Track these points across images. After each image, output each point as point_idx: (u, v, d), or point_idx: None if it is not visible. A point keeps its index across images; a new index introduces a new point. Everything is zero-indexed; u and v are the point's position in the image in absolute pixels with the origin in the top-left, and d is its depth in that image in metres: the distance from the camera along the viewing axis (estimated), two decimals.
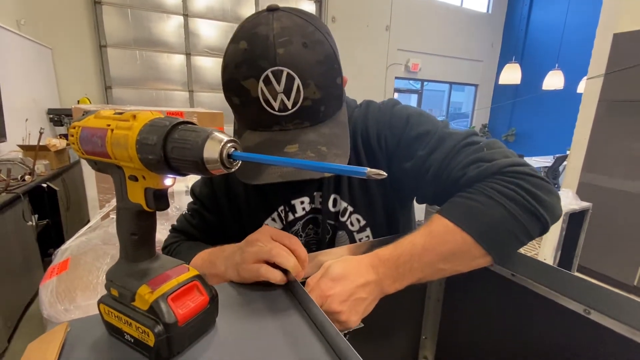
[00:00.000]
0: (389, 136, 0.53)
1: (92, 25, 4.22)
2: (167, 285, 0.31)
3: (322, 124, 0.45)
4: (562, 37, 6.24)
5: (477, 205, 0.41)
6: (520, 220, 0.40)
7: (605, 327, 0.38)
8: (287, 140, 0.43)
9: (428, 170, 0.49)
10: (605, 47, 2.49)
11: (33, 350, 0.31)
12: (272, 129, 0.44)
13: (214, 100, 5.08)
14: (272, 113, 0.42)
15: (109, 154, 0.29)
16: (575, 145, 2.74)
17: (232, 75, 0.43)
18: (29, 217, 2.17)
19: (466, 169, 0.45)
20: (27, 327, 1.97)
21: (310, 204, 0.59)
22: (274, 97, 0.41)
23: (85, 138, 0.31)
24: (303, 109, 0.42)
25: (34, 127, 3.20)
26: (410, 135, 0.51)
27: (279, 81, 0.40)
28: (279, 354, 0.33)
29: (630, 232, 2.44)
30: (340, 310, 0.39)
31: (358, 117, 0.57)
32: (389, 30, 6.09)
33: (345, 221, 0.59)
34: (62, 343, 0.31)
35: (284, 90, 0.41)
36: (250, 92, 0.42)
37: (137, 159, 0.28)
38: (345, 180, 0.58)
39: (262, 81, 0.41)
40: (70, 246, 1.09)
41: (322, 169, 0.25)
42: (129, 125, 0.28)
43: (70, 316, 0.77)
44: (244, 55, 0.42)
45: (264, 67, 0.40)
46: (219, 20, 4.89)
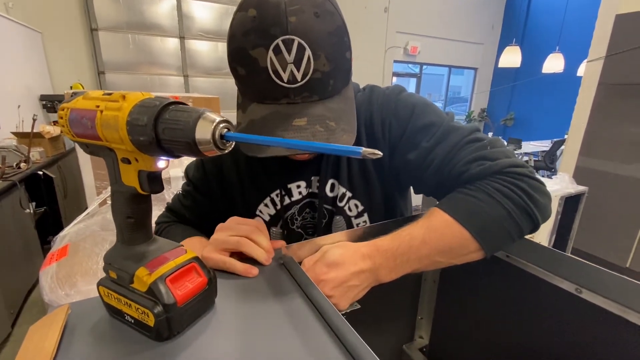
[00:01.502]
0: (394, 124, 0.53)
1: (82, 7, 4.09)
2: (165, 267, 0.32)
3: (331, 99, 0.44)
4: (563, 19, 6.13)
5: (477, 202, 0.42)
6: (516, 220, 0.42)
7: (596, 306, 0.39)
8: (295, 113, 0.41)
9: (431, 162, 0.49)
10: (607, 28, 2.45)
11: (35, 332, 0.32)
12: (279, 101, 0.42)
13: (210, 85, 4.99)
14: (281, 85, 0.40)
15: (100, 135, 0.29)
16: (573, 129, 2.74)
17: (239, 44, 0.40)
18: (26, 205, 2.16)
19: (469, 165, 0.46)
20: (30, 313, 2.01)
21: (307, 188, 0.59)
22: (284, 68, 0.39)
23: (74, 120, 0.30)
24: (312, 81, 0.41)
25: (27, 113, 3.15)
26: (415, 125, 0.51)
27: (289, 51, 0.38)
28: (277, 333, 0.34)
29: (624, 216, 2.47)
30: (331, 295, 0.40)
31: (362, 101, 0.56)
32: (387, 12, 5.95)
33: (343, 206, 0.59)
34: (64, 325, 0.32)
35: (294, 60, 0.39)
36: (259, 62, 0.39)
37: (128, 141, 0.27)
38: (344, 166, 0.57)
39: (271, 50, 0.38)
40: (69, 233, 1.10)
41: (317, 149, 0.25)
42: (119, 106, 0.27)
43: (71, 301, 0.78)
44: (252, 23, 0.39)
45: (274, 35, 0.38)
46: (214, 2, 4.75)
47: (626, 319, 0.37)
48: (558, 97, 6.30)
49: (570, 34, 5.95)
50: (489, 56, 7.55)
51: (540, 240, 2.11)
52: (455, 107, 8.68)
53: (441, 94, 8.15)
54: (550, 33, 6.36)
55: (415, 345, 0.70)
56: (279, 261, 0.46)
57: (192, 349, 0.31)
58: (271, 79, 0.40)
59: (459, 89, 8.70)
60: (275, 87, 0.40)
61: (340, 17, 0.43)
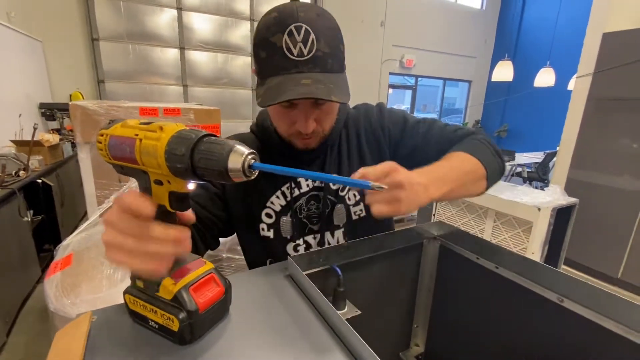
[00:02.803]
0: (392, 128, 0.70)
1: (83, 17, 4.15)
2: (188, 277, 0.35)
3: (330, 73, 0.55)
4: (554, 35, 6.32)
5: (478, 145, 0.61)
6: (497, 158, 0.62)
7: (577, 314, 0.43)
8: (302, 77, 0.53)
9: (432, 138, 0.67)
10: (594, 46, 2.55)
11: (61, 338, 0.35)
12: (290, 71, 0.53)
13: (208, 95, 5.05)
14: (292, 58, 0.52)
15: (138, 160, 0.33)
16: (564, 142, 2.81)
17: (263, 35, 0.53)
18: (24, 213, 2.17)
19: (457, 132, 0.68)
20: (25, 322, 1.99)
21: (314, 182, 0.69)
22: (294, 45, 0.51)
23: (114, 146, 0.34)
24: (316, 57, 0.53)
25: (26, 122, 3.17)
26: (410, 124, 0.70)
27: (299, 33, 0.51)
28: (287, 338, 0.37)
29: (615, 227, 2.52)
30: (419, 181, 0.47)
31: (358, 115, 0.72)
32: (384, 26, 6.10)
33: (344, 195, 0.69)
34: (88, 330, 0.35)
35: (302, 40, 0.51)
36: (276, 44, 0.52)
37: (165, 167, 0.31)
38: (345, 162, 0.69)
39: (286, 34, 0.51)
40: (72, 242, 1.11)
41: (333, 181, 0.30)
42: (157, 136, 0.31)
43: (77, 309, 0.80)
44: (274, 20, 0.53)
45: (289, 23, 0.51)
46: (213, 14, 4.84)
47: (603, 326, 0.41)
48: (550, 110, 6.45)
49: (560, 49, 6.13)
50: (482, 69, 7.72)
51: (533, 250, 2.16)
52: (450, 118, 8.81)
53: (436, 105, 8.28)
54: (541, 48, 6.55)
55: (412, 353, 0.72)
56: (285, 272, 0.49)
57: (209, 355, 0.34)
58: (285, 54, 0.52)
59: (453, 101, 8.85)
60: (287, 61, 0.52)
61: (336, 23, 0.58)
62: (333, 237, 0.69)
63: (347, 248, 0.57)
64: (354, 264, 0.58)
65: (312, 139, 0.62)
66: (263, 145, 0.69)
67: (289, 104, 0.56)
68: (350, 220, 0.69)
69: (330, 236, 0.69)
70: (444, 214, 2.67)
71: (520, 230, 2.37)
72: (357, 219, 0.69)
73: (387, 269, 0.64)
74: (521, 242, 2.24)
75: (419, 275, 0.69)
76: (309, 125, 0.58)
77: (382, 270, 0.63)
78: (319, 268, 0.54)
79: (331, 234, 0.69)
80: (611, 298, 0.41)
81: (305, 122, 0.57)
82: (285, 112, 0.58)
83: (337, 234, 0.69)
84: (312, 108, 0.57)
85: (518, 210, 2.28)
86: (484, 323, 0.58)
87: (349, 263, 0.58)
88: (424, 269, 0.68)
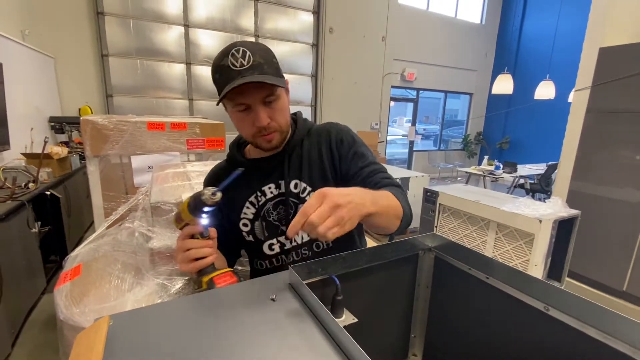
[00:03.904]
0: (345, 143, 0.83)
1: (94, 35, 4.31)
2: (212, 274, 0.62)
3: (266, 75, 0.69)
4: (552, 49, 6.42)
5: (399, 193, 0.71)
6: (410, 210, 0.71)
7: (562, 322, 0.45)
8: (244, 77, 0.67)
9: (362, 174, 0.78)
10: (591, 60, 2.60)
11: (81, 341, 0.38)
12: (236, 78, 0.68)
13: (213, 109, 5.16)
14: (235, 69, 0.68)
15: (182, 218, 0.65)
16: (564, 154, 2.83)
17: (216, 63, 0.70)
18: (32, 224, 2.21)
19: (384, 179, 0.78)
20: (30, 333, 2.01)
21: (277, 189, 0.82)
22: (236, 60, 0.68)
23: (177, 217, 0.67)
24: (254, 65, 0.68)
25: (36, 135, 3.26)
26: (355, 150, 0.82)
27: (238, 52, 0.68)
28: (285, 343, 0.39)
29: (618, 239, 2.51)
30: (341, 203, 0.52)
31: (322, 128, 0.86)
32: (385, 41, 6.23)
33: (306, 197, 0.81)
34: (107, 333, 0.38)
35: (241, 56, 0.68)
36: (224, 64, 0.68)
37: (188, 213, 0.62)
38: (306, 167, 0.81)
39: (230, 55, 0.68)
40: (80, 253, 1.15)
41: None
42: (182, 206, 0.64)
43: (86, 318, 0.83)
44: (221, 52, 0.70)
45: (230, 49, 0.69)
46: (219, 30, 4.99)
47: (586, 333, 0.43)
48: (551, 122, 6.49)
49: (559, 62, 6.21)
50: (483, 82, 7.81)
51: (536, 262, 2.15)
52: (452, 130, 8.87)
53: (438, 117, 8.35)
54: (540, 61, 6.64)
55: None
56: (286, 281, 0.52)
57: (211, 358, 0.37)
58: (230, 68, 0.68)
59: (455, 112, 8.92)
60: (232, 72, 0.68)
61: (269, 48, 0.74)
62: (298, 234, 0.78)
63: (345, 259, 0.60)
64: (352, 274, 0.61)
65: (272, 135, 0.76)
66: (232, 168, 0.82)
67: (244, 108, 0.71)
68: None
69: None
70: (446, 226, 2.67)
71: (522, 242, 2.37)
72: None
73: (384, 279, 0.66)
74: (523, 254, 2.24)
75: (415, 286, 0.71)
76: (263, 118, 0.71)
77: (379, 280, 0.66)
78: (318, 277, 0.57)
79: None
80: (593, 307, 0.43)
81: (260, 116, 0.71)
82: (243, 117, 0.72)
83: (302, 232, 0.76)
84: (262, 106, 0.71)
85: (519, 222, 2.29)
86: (479, 332, 0.60)
87: (347, 273, 0.60)
88: (420, 280, 0.70)
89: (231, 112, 0.75)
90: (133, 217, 1.18)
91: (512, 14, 7.30)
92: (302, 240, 0.82)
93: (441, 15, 6.93)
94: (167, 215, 1.01)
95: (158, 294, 0.92)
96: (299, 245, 0.83)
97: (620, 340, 0.40)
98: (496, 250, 2.30)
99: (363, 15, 5.86)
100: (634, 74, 2.31)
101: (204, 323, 0.43)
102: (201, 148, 1.97)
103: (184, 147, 1.92)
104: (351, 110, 6.20)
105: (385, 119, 6.73)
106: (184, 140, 1.91)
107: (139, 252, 1.06)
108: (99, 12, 4.26)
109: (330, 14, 5.52)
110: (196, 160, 2.01)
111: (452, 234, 2.54)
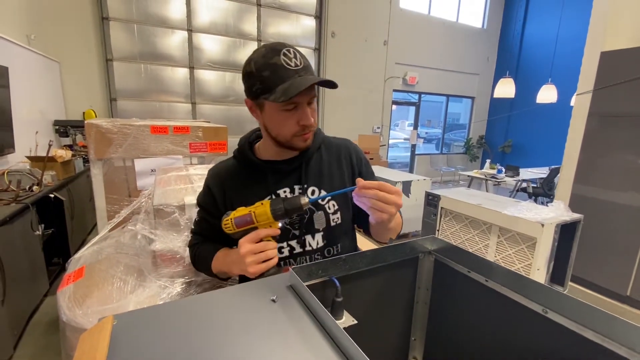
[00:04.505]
0: (363, 162, 0.90)
1: (99, 40, 4.36)
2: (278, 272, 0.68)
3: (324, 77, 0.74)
4: (554, 53, 6.42)
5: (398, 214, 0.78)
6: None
7: (559, 324, 0.45)
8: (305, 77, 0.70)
9: None
10: (593, 64, 2.60)
11: (85, 340, 0.38)
12: (294, 77, 0.69)
13: (215, 112, 5.19)
14: (291, 69, 0.69)
15: (254, 221, 0.67)
16: (567, 158, 2.83)
17: (262, 61, 0.70)
18: (36, 227, 2.23)
19: None
20: (33, 335, 2.01)
21: (292, 193, 0.82)
22: (290, 60, 0.69)
23: (237, 222, 0.68)
24: (305, 65, 0.71)
25: (40, 138, 3.29)
26: (369, 170, 0.90)
27: (289, 52, 0.70)
28: (286, 343, 0.40)
29: (621, 243, 2.49)
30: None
31: (339, 143, 0.91)
32: (386, 45, 6.26)
33: (324, 204, 0.83)
34: (111, 332, 0.38)
35: (294, 56, 0.70)
36: (276, 63, 0.69)
37: (271, 216, 0.65)
38: (327, 177, 0.84)
39: (282, 55, 0.69)
40: (84, 255, 1.16)
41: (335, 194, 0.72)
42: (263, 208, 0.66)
43: (88, 319, 0.83)
44: (267, 50, 0.70)
45: (280, 49, 0.70)
46: (222, 35, 5.04)
47: (584, 336, 0.43)
48: (554, 126, 6.47)
49: (561, 66, 6.21)
50: (485, 86, 7.82)
51: (539, 267, 2.14)
52: (455, 133, 8.86)
53: (440, 120, 8.35)
54: (542, 65, 6.64)
55: None
56: (287, 283, 0.53)
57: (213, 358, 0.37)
58: (285, 67, 0.69)
59: (458, 116, 8.91)
60: (288, 71, 0.69)
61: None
62: (314, 239, 0.82)
63: (345, 261, 0.60)
64: (352, 276, 0.62)
65: (309, 134, 0.77)
66: (242, 167, 0.84)
67: (293, 106, 0.71)
68: (329, 226, 0.82)
69: (311, 238, 0.82)
70: (448, 229, 2.67)
71: (524, 246, 2.36)
72: (335, 225, 0.83)
73: (384, 282, 0.67)
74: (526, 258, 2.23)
75: (415, 288, 0.71)
76: (310, 117, 0.73)
77: (379, 282, 0.66)
78: (318, 279, 0.57)
79: (312, 237, 0.82)
80: (591, 310, 0.43)
81: (308, 115, 0.73)
82: (289, 115, 0.72)
83: (317, 237, 0.82)
84: (307, 106, 0.73)
85: (521, 226, 2.28)
86: (479, 335, 0.60)
87: (347, 275, 0.61)
88: (420, 282, 0.71)
89: (273, 111, 0.73)
90: (136, 219, 1.19)
91: (514, 18, 7.32)
92: (317, 246, 0.82)
93: (443, 20, 6.96)
94: (169, 218, 1.02)
95: (160, 295, 0.93)
96: (313, 250, 0.82)
97: (617, 343, 0.40)
98: (498, 254, 2.29)
99: (365, 19, 5.90)
100: (636, 78, 2.31)
101: (206, 323, 0.43)
102: (203, 151, 1.99)
103: (186, 151, 1.93)
104: (353, 113, 6.22)
105: (387, 123, 6.74)
106: (186, 143, 1.92)
107: (141, 254, 1.07)
108: (103, 17, 4.32)
109: (332, 18, 5.56)
110: (198, 164, 2.02)
111: (454, 238, 2.54)
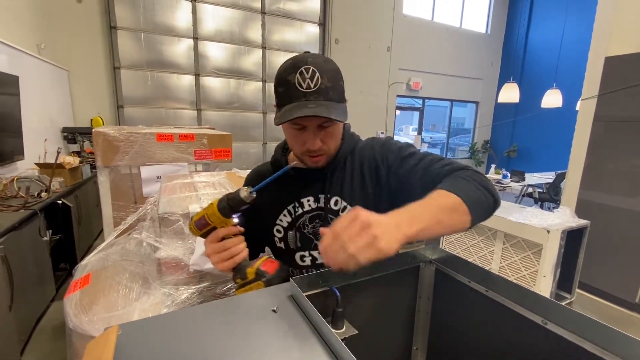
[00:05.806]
0: (389, 156, 0.79)
1: (107, 48, 4.45)
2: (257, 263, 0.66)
3: (331, 102, 0.69)
4: (559, 57, 6.40)
5: (459, 182, 0.62)
6: (483, 192, 0.62)
7: (559, 336, 0.45)
8: (309, 103, 0.67)
9: (417, 172, 0.72)
10: (597, 69, 2.59)
11: (91, 349, 0.39)
12: (300, 99, 0.68)
13: (221, 118, 5.25)
14: (301, 90, 0.67)
15: (209, 222, 0.66)
16: (572, 163, 2.80)
17: (282, 75, 0.70)
18: (44, 233, 2.27)
19: (442, 168, 0.70)
20: (39, 340, 2.04)
21: (316, 203, 0.81)
22: (304, 81, 0.67)
23: (197, 225, 0.67)
24: (320, 89, 0.67)
25: (49, 145, 3.35)
26: (403, 155, 0.77)
27: (307, 72, 0.67)
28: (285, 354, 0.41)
29: (630, 249, 2.46)
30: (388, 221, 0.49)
31: (365, 145, 0.83)
32: (390, 51, 6.30)
33: (343, 214, 0.79)
34: (116, 341, 0.39)
35: (309, 77, 0.67)
36: (290, 81, 0.68)
37: (219, 214, 0.63)
38: (347, 186, 0.80)
39: (297, 73, 0.67)
40: (90, 262, 1.18)
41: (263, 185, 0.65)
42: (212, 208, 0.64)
43: (94, 326, 0.85)
44: (289, 64, 0.69)
45: (299, 66, 0.68)
46: (227, 42, 5.11)
47: (583, 347, 0.43)
48: (560, 130, 6.43)
49: (566, 71, 6.18)
50: (489, 91, 7.80)
51: (545, 273, 2.12)
52: (459, 138, 8.84)
53: (444, 125, 8.34)
54: (547, 70, 6.62)
55: None
56: (287, 293, 0.54)
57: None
58: (296, 87, 0.67)
59: (462, 120, 8.89)
60: (298, 92, 0.67)
61: (337, 67, 0.73)
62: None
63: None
64: (352, 286, 0.62)
65: (320, 157, 0.75)
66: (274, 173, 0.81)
67: (300, 127, 0.70)
68: None
69: None
70: (453, 235, 2.65)
71: (530, 252, 2.34)
72: None
73: (385, 292, 0.67)
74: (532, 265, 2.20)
75: (417, 298, 0.72)
76: (315, 143, 0.71)
77: (380, 292, 0.67)
78: (318, 289, 0.58)
79: None
80: (590, 322, 0.44)
81: (313, 141, 0.71)
82: (297, 134, 0.72)
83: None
84: (318, 130, 0.71)
85: (527, 232, 2.26)
86: (479, 345, 0.60)
87: (348, 285, 0.61)
88: (421, 292, 0.71)
89: (285, 126, 0.73)
90: (141, 226, 1.21)
91: (518, 23, 7.32)
92: None
93: (446, 25, 6.98)
94: (174, 226, 1.04)
95: (164, 303, 0.94)
96: None
97: (615, 355, 0.40)
98: (504, 261, 2.26)
99: (368, 26, 5.94)
100: None
101: (208, 333, 0.44)
102: (208, 158, 2.01)
103: (191, 158, 1.96)
104: (357, 119, 6.23)
105: (391, 128, 6.75)
106: (191, 150, 1.95)
107: (146, 261, 1.09)
108: (112, 26, 4.41)
109: (335, 25, 5.62)
110: (203, 171, 2.04)
111: (459, 244, 2.52)
